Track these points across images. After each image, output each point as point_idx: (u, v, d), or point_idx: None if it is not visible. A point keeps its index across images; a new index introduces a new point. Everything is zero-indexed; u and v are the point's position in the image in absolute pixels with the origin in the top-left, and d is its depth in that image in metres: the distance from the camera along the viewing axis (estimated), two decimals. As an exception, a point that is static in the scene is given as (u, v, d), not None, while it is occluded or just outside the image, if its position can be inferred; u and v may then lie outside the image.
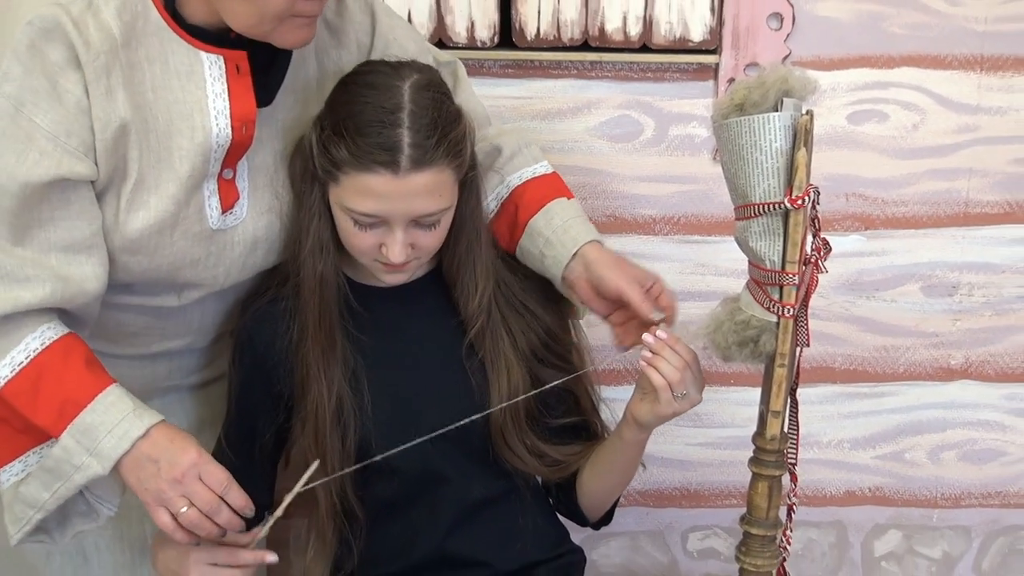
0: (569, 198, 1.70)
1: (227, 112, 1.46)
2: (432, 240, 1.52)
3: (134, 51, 1.41)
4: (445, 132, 1.45)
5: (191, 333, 1.68)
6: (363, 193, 1.45)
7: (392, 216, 1.46)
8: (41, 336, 1.42)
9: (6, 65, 1.35)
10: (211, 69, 1.45)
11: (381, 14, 1.70)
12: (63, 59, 1.35)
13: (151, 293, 1.57)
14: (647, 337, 1.46)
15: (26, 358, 1.41)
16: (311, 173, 1.51)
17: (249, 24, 1.39)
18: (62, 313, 1.47)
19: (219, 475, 1.41)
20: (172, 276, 1.54)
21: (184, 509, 1.38)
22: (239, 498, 1.41)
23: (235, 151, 1.50)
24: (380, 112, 1.44)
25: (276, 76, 1.53)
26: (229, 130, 1.47)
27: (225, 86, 1.46)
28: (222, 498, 1.40)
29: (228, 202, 1.53)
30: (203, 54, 1.45)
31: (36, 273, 1.41)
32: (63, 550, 1.73)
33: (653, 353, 1.46)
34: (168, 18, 1.43)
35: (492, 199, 1.69)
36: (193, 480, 1.39)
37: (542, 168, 1.73)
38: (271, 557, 1.47)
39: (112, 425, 1.40)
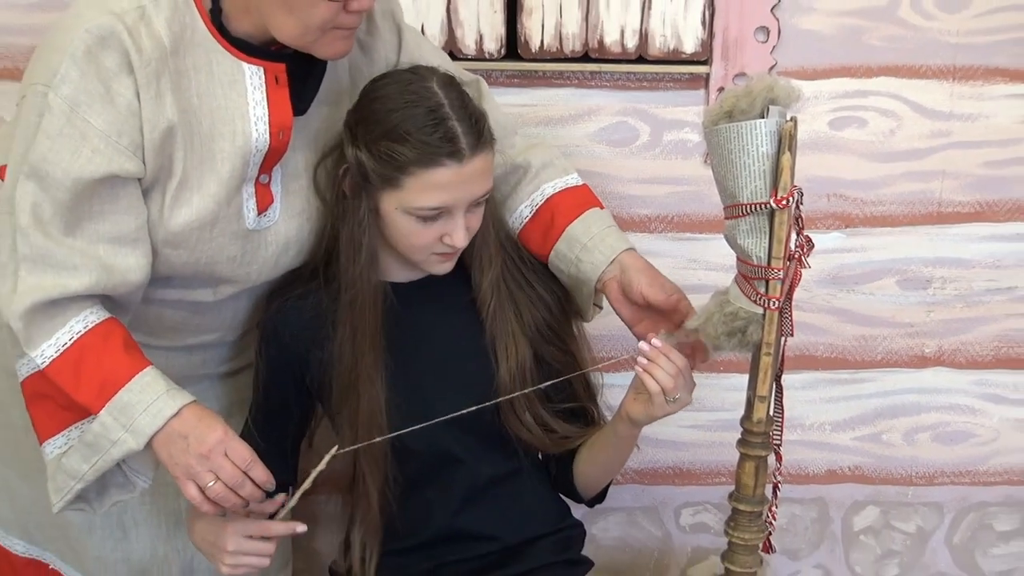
0: (602, 208, 1.72)
1: (266, 119, 1.48)
2: (479, 220, 1.55)
3: (182, 59, 1.43)
4: (479, 116, 1.49)
5: (223, 328, 1.69)
6: (430, 188, 1.46)
7: (456, 203, 1.48)
8: (84, 320, 1.43)
9: (64, 69, 1.36)
10: (252, 79, 1.47)
11: (407, 33, 1.70)
12: (117, 65, 1.37)
13: (188, 287, 1.58)
14: (643, 346, 1.47)
15: (70, 339, 1.42)
16: (360, 187, 1.51)
17: (294, 35, 1.41)
18: (105, 299, 1.47)
19: (243, 452, 1.42)
20: (209, 271, 1.55)
21: (211, 483, 1.39)
22: (262, 473, 1.42)
23: (272, 156, 1.51)
24: (428, 113, 1.45)
25: (311, 87, 1.54)
26: (267, 136, 1.48)
27: (264, 95, 1.48)
28: (245, 473, 1.41)
29: (263, 204, 1.54)
30: (245, 65, 1.46)
31: (83, 262, 1.42)
32: (103, 523, 1.74)
33: (649, 360, 1.46)
34: (214, 30, 1.45)
35: (527, 206, 1.70)
36: (219, 456, 1.40)
37: (573, 180, 1.75)
38: (300, 528, 1.49)
39: (147, 404, 1.41)
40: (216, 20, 1.45)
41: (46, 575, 1.82)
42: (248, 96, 1.47)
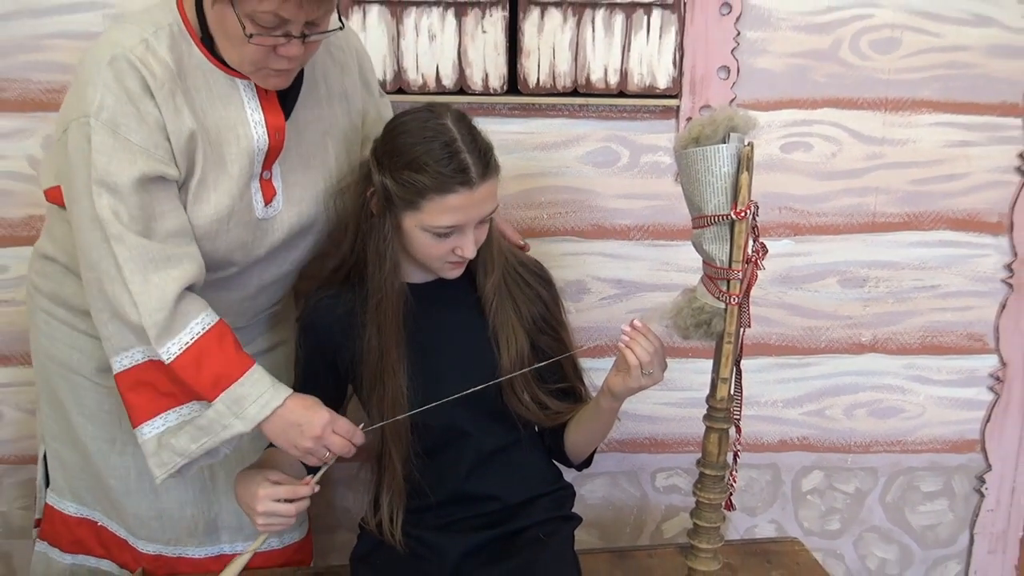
0: None
1: (263, 123, 1.50)
2: (485, 233, 1.56)
3: (186, 79, 1.44)
4: (485, 147, 1.49)
5: (232, 314, 1.62)
6: (445, 211, 1.46)
7: (467, 223, 1.49)
8: (202, 322, 1.44)
9: (100, 98, 1.38)
10: (245, 92, 1.49)
11: (363, 57, 1.73)
12: (140, 88, 1.40)
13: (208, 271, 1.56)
14: (626, 327, 1.47)
15: (191, 339, 1.43)
16: (385, 208, 1.50)
17: (236, 64, 1.44)
18: None
19: (346, 426, 1.48)
20: (227, 257, 1.55)
21: (327, 455, 1.45)
22: (360, 437, 1.48)
23: (271, 155, 1.52)
24: (444, 147, 1.45)
25: (292, 96, 1.54)
26: (266, 137, 1.50)
27: (258, 104, 1.50)
28: (351, 441, 1.47)
29: (268, 197, 1.55)
30: (238, 80, 1.48)
31: (178, 253, 1.44)
32: (139, 488, 1.75)
33: (630, 337, 1.46)
34: (207, 53, 1.46)
35: None
36: (329, 435, 1.45)
37: None
38: (317, 487, 1.49)
39: (256, 396, 1.43)
40: (208, 45, 1.46)
41: (95, 531, 1.82)
42: (245, 106, 1.49)
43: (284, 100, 1.53)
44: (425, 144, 1.46)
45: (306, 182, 1.59)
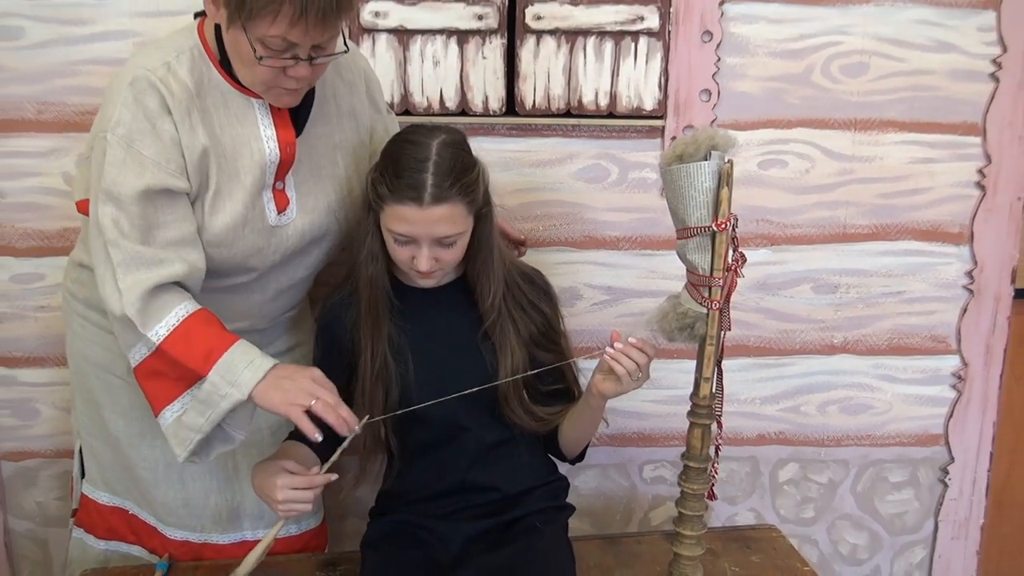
0: None
1: (275, 138, 1.50)
2: (451, 255, 1.52)
3: (204, 99, 1.45)
4: (459, 177, 1.45)
5: (253, 316, 1.66)
6: (398, 219, 1.46)
7: (419, 237, 1.47)
8: (185, 307, 1.44)
9: (118, 114, 1.40)
10: (260, 110, 1.49)
11: (372, 81, 1.73)
12: (158, 107, 1.41)
13: (225, 277, 1.57)
14: (617, 344, 1.46)
15: (177, 321, 1.43)
16: (368, 203, 1.52)
17: (249, 84, 1.45)
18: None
19: (333, 387, 1.44)
20: (244, 263, 1.55)
21: (315, 402, 1.39)
22: (347, 410, 1.42)
23: (283, 167, 1.52)
24: (412, 161, 1.45)
25: (304, 113, 1.54)
26: (277, 150, 1.50)
27: (271, 120, 1.50)
28: (337, 409, 1.42)
29: (281, 206, 1.55)
30: (253, 100, 1.49)
31: (168, 257, 1.43)
32: (166, 478, 1.74)
33: (616, 353, 1.46)
34: (225, 75, 1.47)
35: None
36: (317, 387, 1.41)
37: None
38: (333, 476, 1.47)
39: (247, 362, 1.41)
40: (226, 67, 1.47)
41: (127, 519, 1.81)
42: (259, 122, 1.50)
43: (296, 117, 1.53)
44: (401, 153, 1.47)
45: (318, 192, 1.59)
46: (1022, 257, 2.19)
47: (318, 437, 1.39)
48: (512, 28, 1.97)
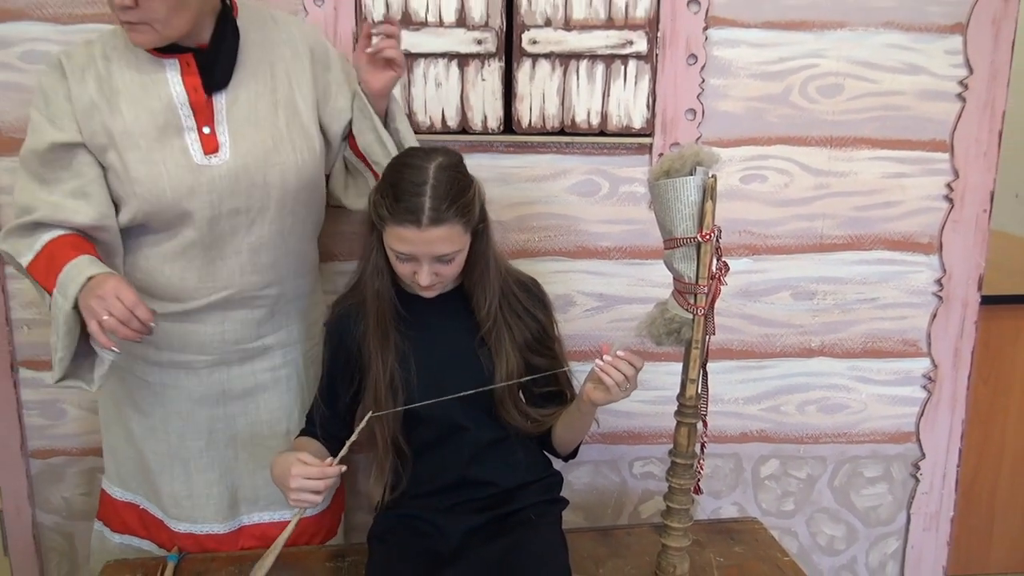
0: None
1: (181, 83, 1.54)
2: (450, 270, 1.51)
3: (110, 62, 1.55)
4: (455, 199, 1.44)
5: (225, 285, 1.62)
6: (398, 239, 1.45)
7: (419, 255, 1.46)
8: (52, 233, 1.51)
9: (37, 94, 1.55)
10: (169, 67, 1.55)
11: (333, 58, 1.72)
12: (57, 78, 1.54)
13: (170, 229, 1.58)
14: (606, 357, 1.45)
15: (40, 246, 1.50)
16: (371, 221, 1.51)
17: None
18: (97, 243, 1.55)
19: (131, 295, 1.38)
20: (178, 203, 1.54)
21: (105, 317, 1.37)
22: (145, 312, 1.39)
23: (201, 112, 1.55)
24: (411, 185, 1.44)
25: (224, 66, 1.57)
26: (184, 92, 1.54)
27: (178, 72, 1.55)
28: (132, 312, 1.38)
29: (209, 148, 1.55)
30: (164, 60, 1.55)
31: (37, 206, 1.52)
32: (172, 470, 1.73)
33: (607, 365, 1.45)
34: (153, 51, 1.55)
35: None
36: (112, 299, 1.37)
37: None
38: (343, 467, 1.46)
39: (75, 276, 1.43)
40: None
41: (139, 514, 1.80)
42: (167, 74, 1.55)
43: (212, 72, 1.55)
44: (399, 177, 1.46)
45: (255, 139, 1.57)
46: (988, 266, 2.19)
47: (112, 352, 1.40)
48: (509, 52, 1.97)
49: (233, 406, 1.70)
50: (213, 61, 1.55)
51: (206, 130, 1.56)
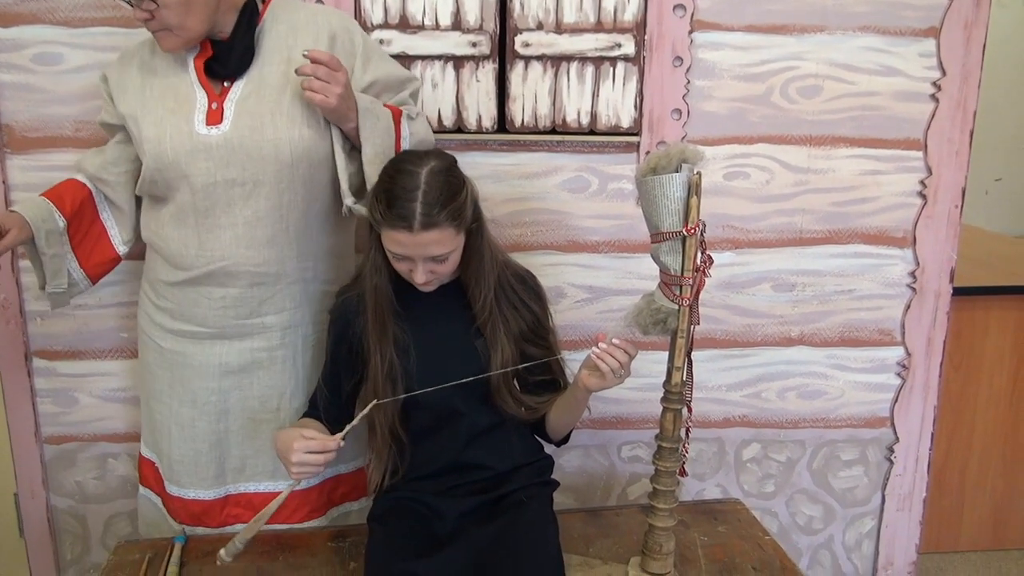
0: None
1: (196, 68, 1.62)
2: (446, 268, 1.50)
3: (157, 52, 1.64)
4: (446, 204, 1.43)
5: (223, 256, 1.62)
6: (393, 241, 1.45)
7: (413, 256, 1.46)
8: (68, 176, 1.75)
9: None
10: (192, 52, 1.63)
11: (367, 44, 1.71)
12: (112, 68, 1.69)
13: (172, 191, 1.61)
14: (602, 344, 1.45)
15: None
16: (369, 223, 1.51)
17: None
18: (101, 192, 1.74)
19: (11, 241, 1.61)
20: (177, 164, 1.58)
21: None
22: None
23: (213, 92, 1.60)
24: (403, 191, 1.43)
25: (238, 59, 1.61)
26: (198, 76, 1.61)
27: (192, 66, 1.63)
28: None
29: (212, 121, 1.58)
30: (188, 56, 1.63)
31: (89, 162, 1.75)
32: (179, 433, 1.72)
33: (602, 352, 1.45)
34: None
35: None
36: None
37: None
38: (341, 442, 1.45)
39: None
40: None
41: (153, 471, 1.80)
42: (190, 59, 1.63)
43: (226, 62, 1.60)
44: (392, 183, 1.45)
45: (255, 113, 1.58)
46: (959, 259, 2.20)
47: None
48: (503, 54, 1.97)
49: (228, 380, 1.69)
50: (228, 53, 1.59)
51: (214, 106, 1.59)
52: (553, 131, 2.02)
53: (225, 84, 1.61)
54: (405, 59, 1.93)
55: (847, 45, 2.03)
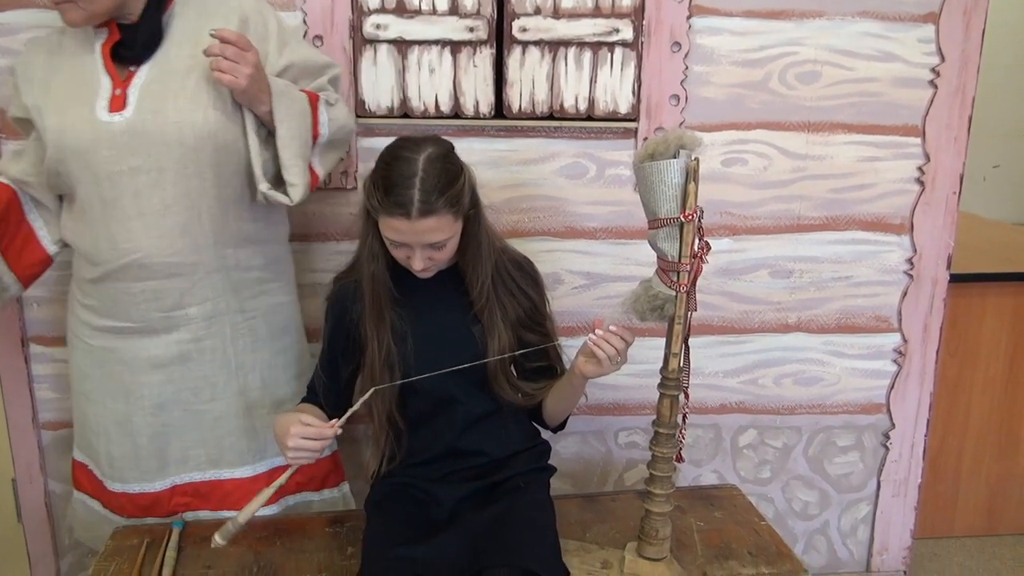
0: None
1: (102, 52, 1.59)
2: (444, 255, 1.50)
3: (67, 34, 1.62)
4: (443, 191, 1.43)
5: (135, 248, 1.57)
6: (390, 228, 1.44)
7: (411, 243, 1.45)
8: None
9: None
10: (99, 35, 1.60)
11: (281, 31, 1.68)
12: (20, 60, 1.65)
13: (78, 184, 1.58)
14: (599, 331, 1.45)
15: None
16: (366, 209, 1.50)
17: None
18: (27, 194, 1.67)
19: None
20: (79, 154, 1.55)
21: None
22: None
23: (117, 77, 1.57)
24: (400, 178, 1.42)
25: (143, 43, 1.58)
26: (104, 61, 1.58)
27: (104, 41, 1.59)
28: None
29: (116, 107, 1.55)
30: (98, 31, 1.60)
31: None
32: (103, 431, 1.71)
33: (598, 339, 1.45)
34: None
35: None
36: None
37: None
38: (339, 429, 1.45)
39: None
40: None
41: (87, 473, 1.79)
42: (96, 43, 1.60)
43: (132, 46, 1.58)
44: (389, 170, 1.44)
45: (158, 97, 1.55)
46: (956, 246, 2.20)
47: None
48: (500, 39, 1.95)
49: (158, 374, 1.66)
50: (134, 37, 1.56)
51: (118, 92, 1.55)
52: (551, 117, 2.01)
53: (131, 69, 1.57)
54: (402, 44, 1.92)
55: (846, 31, 2.02)
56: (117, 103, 1.55)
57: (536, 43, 1.95)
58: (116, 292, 1.61)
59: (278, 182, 1.61)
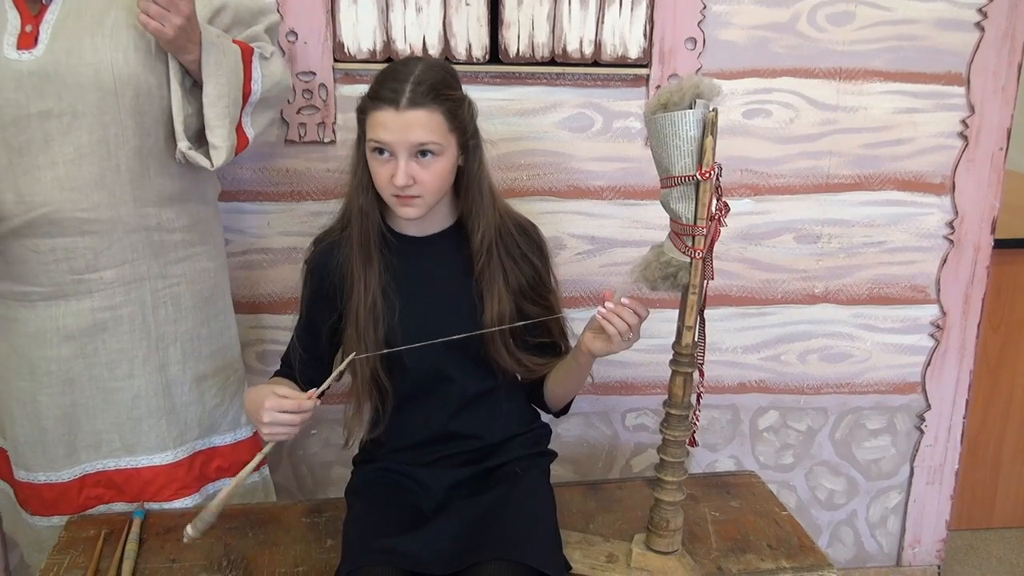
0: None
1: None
2: (429, 175, 1.48)
3: None
4: (439, 90, 1.45)
5: (44, 201, 1.54)
6: (375, 125, 1.45)
7: (396, 143, 1.44)
8: None
9: None
10: None
11: None
12: None
13: None
14: (609, 304, 1.45)
15: None
16: (359, 136, 1.51)
17: None
18: None
19: None
20: None
21: None
22: None
23: (28, 12, 1.53)
24: (396, 73, 1.46)
25: None
26: (11, 1, 1.54)
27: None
28: None
29: (25, 44, 1.52)
30: None
31: None
32: (10, 411, 1.70)
33: (608, 313, 1.45)
34: None
35: None
36: None
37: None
38: (317, 401, 1.44)
39: None
40: None
41: (4, 457, 1.77)
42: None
43: None
44: (388, 69, 1.48)
45: (73, 36, 1.53)
46: (1002, 207, 2.19)
47: None
48: (496, -26, 1.93)
49: (69, 347, 1.63)
50: None
51: (28, 28, 1.53)
52: (552, 62, 1.99)
53: (43, 2, 1.54)
54: (385, -21, 1.90)
55: (883, -34, 2.00)
56: (26, 40, 1.52)
57: (536, -21, 1.93)
58: (22, 251, 1.57)
59: (202, 140, 1.59)
